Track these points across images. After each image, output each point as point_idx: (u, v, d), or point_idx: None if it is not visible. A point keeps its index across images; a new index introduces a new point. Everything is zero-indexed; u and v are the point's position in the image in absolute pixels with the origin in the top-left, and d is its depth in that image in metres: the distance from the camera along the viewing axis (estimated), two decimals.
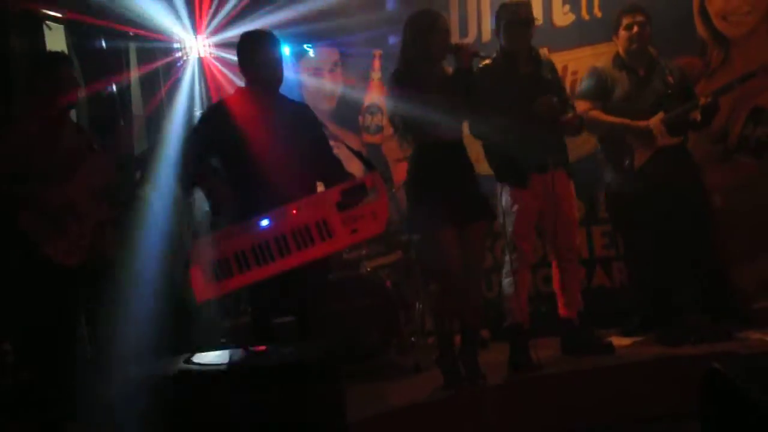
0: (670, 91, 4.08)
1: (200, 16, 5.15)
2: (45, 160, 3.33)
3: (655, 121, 4.03)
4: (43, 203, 3.28)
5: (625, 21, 4.14)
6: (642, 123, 4.05)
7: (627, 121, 4.08)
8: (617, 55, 4.21)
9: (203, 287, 3.22)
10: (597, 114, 4.14)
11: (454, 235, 3.58)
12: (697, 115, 4.03)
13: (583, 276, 4.26)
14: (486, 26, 4.98)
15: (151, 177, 3.87)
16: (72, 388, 3.29)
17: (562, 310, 4.03)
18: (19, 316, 3.35)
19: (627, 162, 4.08)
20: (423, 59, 3.60)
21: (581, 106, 4.17)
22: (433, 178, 3.58)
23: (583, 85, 4.31)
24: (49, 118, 3.44)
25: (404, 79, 3.60)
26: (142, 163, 3.92)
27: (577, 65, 4.72)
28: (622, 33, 4.15)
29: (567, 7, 4.81)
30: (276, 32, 3.59)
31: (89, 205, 3.43)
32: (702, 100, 3.99)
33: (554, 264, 4.06)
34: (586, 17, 4.80)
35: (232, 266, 3.18)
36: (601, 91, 4.17)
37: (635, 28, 4.10)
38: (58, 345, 3.33)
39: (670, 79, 4.12)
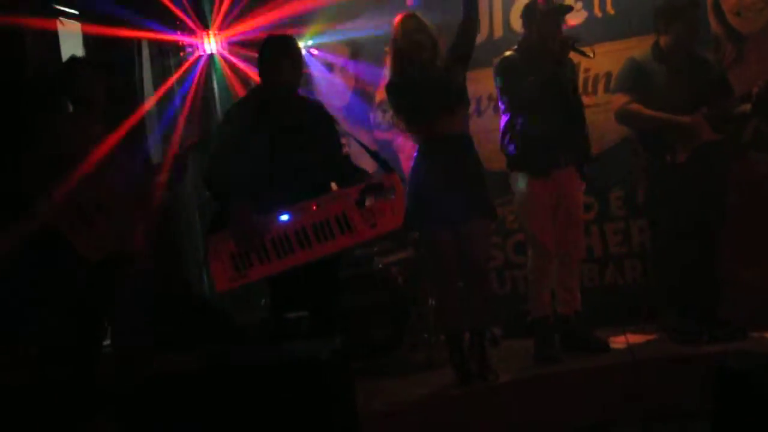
0: (710, 85, 4.00)
1: (214, 13, 5.17)
2: (77, 157, 3.37)
3: (697, 117, 3.95)
4: (75, 198, 3.33)
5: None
6: (685, 119, 3.95)
7: (670, 116, 3.97)
8: (656, 46, 4.09)
9: (223, 278, 3.27)
10: (638, 108, 4.02)
11: (452, 234, 3.59)
12: (747, 107, 3.90)
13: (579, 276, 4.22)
14: (497, 23, 4.98)
15: (180, 180, 3.90)
16: (93, 384, 3.32)
17: (560, 308, 4.04)
18: (42, 311, 3.39)
19: (668, 157, 4.01)
20: (412, 59, 3.61)
21: (620, 99, 4.10)
22: (433, 175, 3.58)
23: (621, 77, 4.17)
24: (79, 118, 3.50)
25: (399, 81, 3.63)
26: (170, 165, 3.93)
27: (589, 63, 4.69)
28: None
29: (579, 4, 4.79)
30: (289, 28, 3.61)
31: (117, 202, 3.47)
32: (755, 89, 3.84)
33: (558, 263, 4.05)
34: (599, 14, 4.78)
35: (253, 257, 3.23)
36: (639, 83, 4.06)
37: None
38: (80, 341, 3.37)
39: (710, 72, 4.06)
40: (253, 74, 4.72)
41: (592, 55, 3.80)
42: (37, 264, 3.32)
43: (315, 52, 5.40)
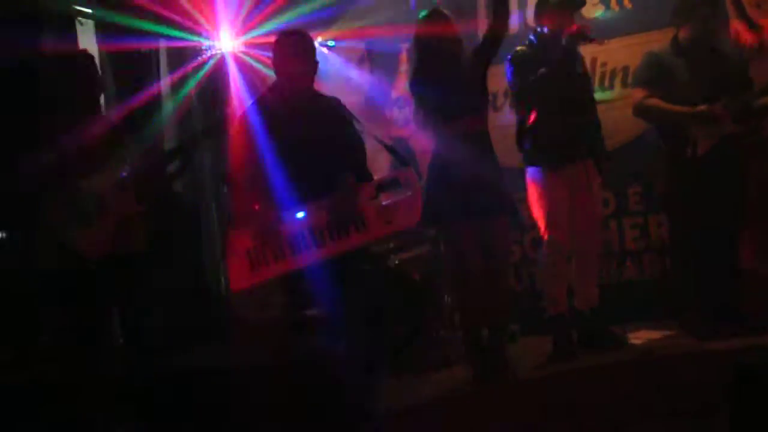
0: (729, 78, 3.96)
1: (230, 13, 5.19)
2: (74, 153, 3.38)
3: (716, 107, 3.90)
4: (72, 196, 3.34)
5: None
6: (701, 107, 3.89)
7: (688, 108, 3.93)
8: (675, 40, 4.07)
9: (239, 276, 3.28)
10: (656, 102, 4.01)
11: (472, 229, 3.58)
12: (767, 100, 3.87)
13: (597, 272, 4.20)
14: (513, 19, 4.95)
15: (185, 171, 3.91)
16: (99, 379, 3.34)
17: (576, 304, 4.03)
18: (48, 308, 3.41)
19: (689, 150, 3.97)
20: (435, 56, 3.60)
21: (637, 93, 4.09)
22: (451, 171, 3.57)
23: (640, 71, 4.16)
24: (78, 114, 3.50)
25: (421, 79, 3.62)
26: (175, 156, 3.95)
27: (606, 57, 4.67)
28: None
29: None
30: (305, 27, 3.61)
31: (116, 197, 3.47)
32: None
33: (575, 257, 4.03)
34: (616, 8, 4.75)
35: (269, 255, 3.24)
36: (658, 77, 4.03)
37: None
38: (87, 337, 3.39)
39: (730, 65, 4.02)
40: (269, 70, 4.73)
41: (602, 42, 3.79)
42: (38, 263, 3.33)
43: (326, 51, 5.39)
